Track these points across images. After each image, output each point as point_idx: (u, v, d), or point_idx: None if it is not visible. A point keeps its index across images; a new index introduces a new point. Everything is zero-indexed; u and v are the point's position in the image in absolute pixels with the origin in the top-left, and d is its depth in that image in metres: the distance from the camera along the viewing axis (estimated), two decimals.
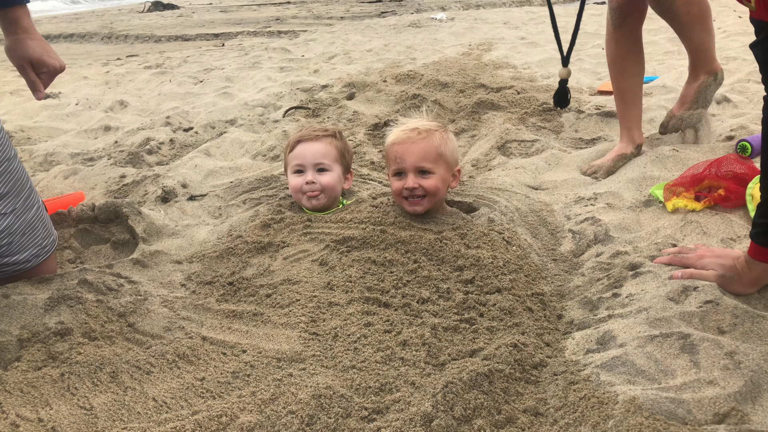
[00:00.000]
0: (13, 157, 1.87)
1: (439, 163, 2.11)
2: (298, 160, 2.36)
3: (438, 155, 2.10)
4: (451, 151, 2.16)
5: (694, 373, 1.32)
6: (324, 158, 2.35)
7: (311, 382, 1.42)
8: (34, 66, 2.07)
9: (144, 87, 5.49)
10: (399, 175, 2.13)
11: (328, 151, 2.37)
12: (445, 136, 2.15)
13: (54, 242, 2.01)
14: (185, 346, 1.60)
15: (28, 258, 1.89)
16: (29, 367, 1.51)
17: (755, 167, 2.07)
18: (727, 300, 1.53)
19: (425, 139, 2.10)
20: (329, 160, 2.36)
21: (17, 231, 1.85)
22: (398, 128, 2.19)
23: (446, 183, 2.17)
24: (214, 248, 2.19)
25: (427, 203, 2.13)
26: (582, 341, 1.58)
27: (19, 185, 1.88)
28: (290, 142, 2.43)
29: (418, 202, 2.12)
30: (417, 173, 2.09)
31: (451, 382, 1.36)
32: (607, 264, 1.91)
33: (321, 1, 16.39)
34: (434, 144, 2.10)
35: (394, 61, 5.75)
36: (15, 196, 1.85)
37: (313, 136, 2.39)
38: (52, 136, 3.96)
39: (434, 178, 2.10)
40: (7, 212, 1.82)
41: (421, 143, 2.09)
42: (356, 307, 1.73)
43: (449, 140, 2.17)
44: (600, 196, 2.37)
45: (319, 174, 2.34)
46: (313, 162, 2.34)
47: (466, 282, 1.84)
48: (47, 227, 1.98)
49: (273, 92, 4.61)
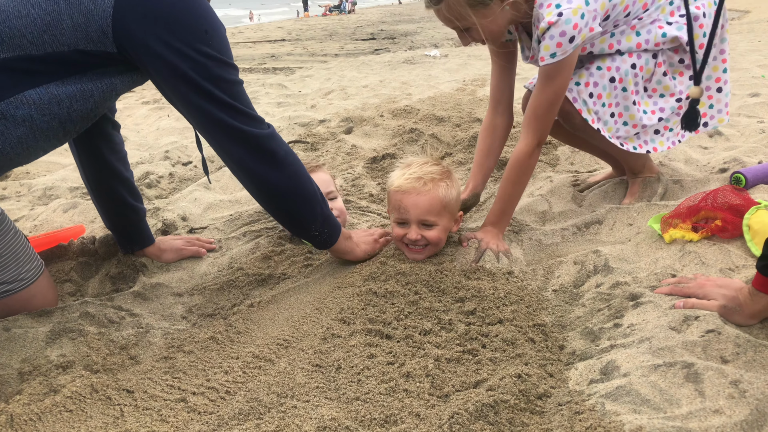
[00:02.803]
0: None
1: (443, 215, 2.09)
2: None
3: (442, 207, 2.08)
4: (455, 200, 2.14)
5: (700, 402, 1.32)
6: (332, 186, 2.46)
7: (315, 414, 1.42)
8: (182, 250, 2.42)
9: (142, 122, 5.54)
10: (402, 224, 2.11)
11: (331, 179, 2.48)
12: (449, 184, 2.12)
13: (37, 268, 1.98)
14: (189, 379, 1.60)
15: (11, 279, 1.88)
16: (31, 400, 1.49)
17: (751, 198, 2.10)
18: (728, 329, 1.54)
19: (430, 191, 2.06)
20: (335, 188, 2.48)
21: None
22: (402, 172, 2.15)
23: (448, 231, 2.17)
24: (214, 280, 2.19)
25: (428, 252, 2.12)
26: (585, 371, 1.58)
27: None
28: None
29: (419, 251, 2.11)
30: (420, 225, 2.08)
31: (457, 413, 1.36)
32: (608, 294, 1.92)
33: (316, 38, 16.64)
34: (439, 196, 2.07)
35: (390, 96, 5.83)
36: None
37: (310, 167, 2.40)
38: (51, 170, 3.97)
39: (437, 229, 2.09)
40: None
41: (425, 195, 2.06)
42: (359, 339, 1.73)
43: (453, 188, 2.13)
44: (600, 228, 2.39)
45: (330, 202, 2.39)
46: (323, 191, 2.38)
47: (468, 313, 1.85)
48: (28, 252, 1.96)
49: None
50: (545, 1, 2.05)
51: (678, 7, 2.28)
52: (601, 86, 2.29)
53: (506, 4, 2.05)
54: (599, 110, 2.31)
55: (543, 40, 2.05)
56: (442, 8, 2.05)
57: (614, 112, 2.33)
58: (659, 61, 2.31)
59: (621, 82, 2.28)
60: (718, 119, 2.48)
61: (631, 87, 2.29)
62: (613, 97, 2.31)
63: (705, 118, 2.47)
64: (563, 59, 2.06)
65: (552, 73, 2.10)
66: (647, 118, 2.34)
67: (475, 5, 2.03)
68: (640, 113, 2.33)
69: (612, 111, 2.33)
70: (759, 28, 10.75)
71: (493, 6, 2.04)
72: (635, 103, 2.32)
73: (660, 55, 2.31)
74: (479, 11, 2.04)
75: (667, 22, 2.28)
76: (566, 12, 2.01)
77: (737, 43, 8.19)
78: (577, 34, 2.02)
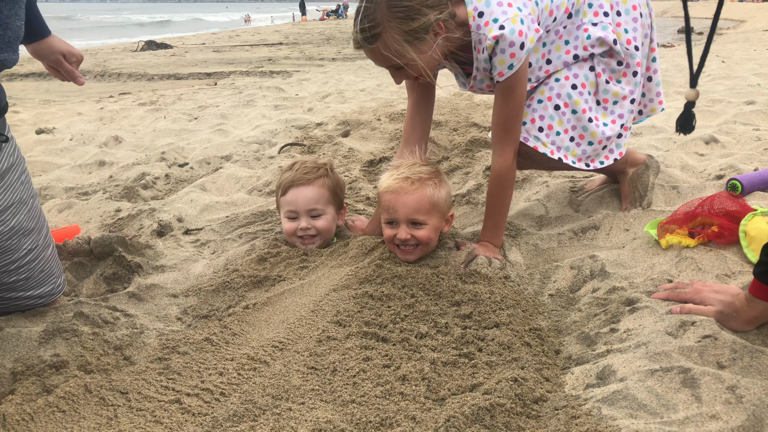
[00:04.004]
0: (36, 194, 1.92)
1: (432, 214, 2.09)
2: (290, 207, 2.33)
3: (431, 206, 2.08)
4: (444, 199, 2.13)
5: (696, 408, 1.32)
6: (317, 203, 2.32)
7: (311, 417, 1.41)
8: (65, 57, 2.31)
9: (138, 123, 5.52)
10: (391, 224, 2.11)
11: (321, 194, 2.33)
12: (437, 183, 2.11)
13: (64, 282, 2.02)
14: (184, 380, 1.58)
15: (42, 294, 1.90)
16: (23, 400, 1.48)
17: (747, 205, 2.10)
18: (725, 335, 1.54)
19: (418, 189, 2.06)
20: (322, 204, 2.33)
21: (37, 267, 1.86)
22: (391, 173, 2.15)
23: (438, 231, 2.16)
24: (210, 282, 2.18)
25: (419, 252, 2.11)
26: (581, 376, 1.58)
27: (40, 222, 1.90)
28: (282, 185, 2.37)
29: (410, 251, 2.10)
30: (409, 224, 2.07)
31: (453, 416, 1.36)
32: (604, 299, 1.92)
33: (313, 42, 16.66)
34: (427, 195, 2.06)
35: (387, 100, 5.83)
36: (38, 233, 1.87)
37: (305, 180, 2.33)
38: (46, 170, 3.95)
39: (427, 228, 2.08)
40: (32, 248, 1.84)
41: (413, 194, 2.06)
42: (354, 342, 1.72)
43: (442, 187, 2.13)
44: (596, 233, 2.39)
45: (314, 219, 2.33)
46: (306, 209, 2.31)
47: (464, 317, 1.84)
48: (59, 267, 2.00)
49: (268, 129, 4.65)
50: (481, 22, 2.04)
51: (600, 5, 2.27)
52: (548, 117, 2.27)
53: (441, 38, 2.04)
54: (555, 140, 2.29)
55: (495, 56, 2.04)
56: (378, 47, 2.01)
57: (573, 136, 2.30)
58: (598, 72, 2.29)
59: (567, 106, 2.27)
60: (651, 108, 2.49)
61: (581, 106, 2.27)
62: (566, 123, 2.28)
63: (639, 106, 2.48)
64: (519, 68, 2.05)
65: (513, 85, 2.09)
66: (609, 129, 2.32)
67: (412, 41, 2.00)
68: (600, 128, 2.30)
69: (570, 136, 2.30)
70: (754, 37, 10.81)
71: (428, 40, 2.02)
72: (591, 120, 2.29)
73: (597, 65, 2.29)
74: (416, 46, 2.01)
75: (592, 23, 2.27)
76: (506, 23, 2.00)
77: (733, 51, 8.24)
78: (525, 39, 2.01)
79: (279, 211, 2.43)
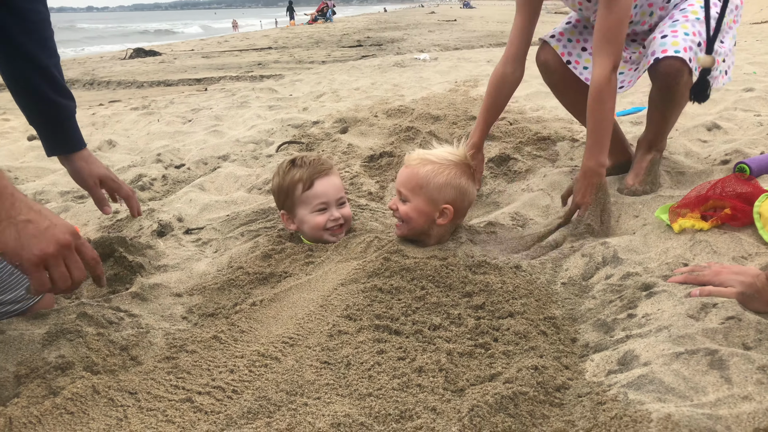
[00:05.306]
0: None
1: (417, 194, 2.09)
2: (322, 198, 2.25)
3: (417, 186, 2.09)
4: (439, 187, 2.10)
5: (727, 389, 1.28)
6: (343, 191, 2.33)
7: (328, 411, 1.36)
8: (102, 183, 2.15)
9: (132, 127, 5.46)
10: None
11: (341, 182, 2.36)
12: (439, 170, 2.09)
13: None
14: (194, 379, 1.54)
15: (16, 299, 1.78)
16: (29, 402, 1.42)
17: (760, 186, 2.07)
18: (749, 316, 1.50)
19: (416, 166, 2.10)
20: (344, 192, 2.35)
21: (5, 269, 1.76)
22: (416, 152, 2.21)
23: (424, 215, 2.12)
24: (214, 280, 2.13)
25: (405, 228, 2.14)
26: (602, 363, 1.54)
27: None
28: (304, 179, 2.25)
29: (398, 225, 2.16)
30: (400, 196, 2.14)
31: (477, 406, 1.31)
32: (619, 285, 1.88)
33: (302, 46, 16.61)
34: (419, 174, 2.09)
35: (382, 98, 5.79)
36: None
37: (325, 170, 2.28)
38: (40, 175, 3.89)
39: (409, 206, 2.11)
40: None
41: (408, 169, 2.12)
42: (367, 335, 1.68)
43: (442, 176, 2.09)
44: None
45: (340, 208, 2.31)
46: (336, 197, 2.28)
47: (477, 307, 1.80)
48: None
49: (264, 129, 4.60)
50: None
51: None
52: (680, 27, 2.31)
53: None
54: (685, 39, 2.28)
55: None
56: None
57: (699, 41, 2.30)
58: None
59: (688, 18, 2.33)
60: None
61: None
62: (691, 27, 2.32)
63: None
64: None
65: None
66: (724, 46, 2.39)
67: None
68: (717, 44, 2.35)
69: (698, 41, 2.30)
70: (742, 30, 10.85)
71: None
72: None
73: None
74: None
75: None
76: None
77: None
78: None
79: (295, 209, 2.31)
